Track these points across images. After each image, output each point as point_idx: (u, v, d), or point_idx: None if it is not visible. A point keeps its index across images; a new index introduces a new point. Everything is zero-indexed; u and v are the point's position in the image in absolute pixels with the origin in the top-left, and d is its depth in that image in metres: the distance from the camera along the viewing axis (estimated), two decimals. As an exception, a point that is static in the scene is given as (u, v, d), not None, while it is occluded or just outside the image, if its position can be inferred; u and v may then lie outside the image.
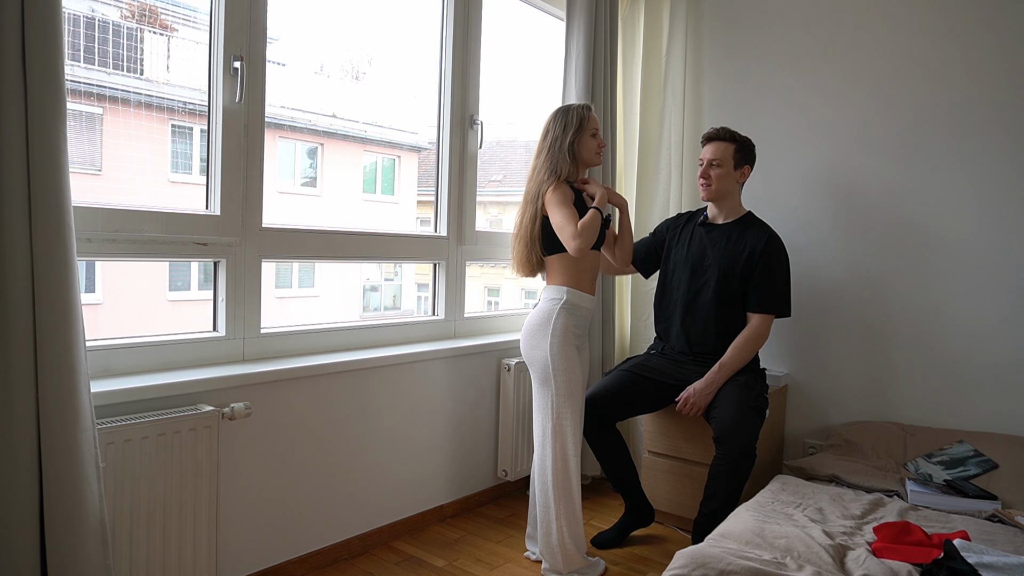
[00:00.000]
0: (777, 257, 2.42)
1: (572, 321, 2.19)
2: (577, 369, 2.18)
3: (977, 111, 2.58)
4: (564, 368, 2.15)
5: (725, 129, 2.50)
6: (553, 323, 2.16)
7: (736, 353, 2.38)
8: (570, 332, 2.18)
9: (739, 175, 2.49)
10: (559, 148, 2.21)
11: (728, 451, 2.17)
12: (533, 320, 2.21)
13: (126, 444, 1.66)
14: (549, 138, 2.24)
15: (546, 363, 2.16)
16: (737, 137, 2.49)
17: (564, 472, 2.15)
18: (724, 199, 2.50)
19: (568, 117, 2.23)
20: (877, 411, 2.79)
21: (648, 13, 3.15)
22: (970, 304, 2.60)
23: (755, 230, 2.46)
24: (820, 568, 1.61)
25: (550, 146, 2.23)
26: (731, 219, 2.51)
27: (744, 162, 2.49)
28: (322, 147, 3.56)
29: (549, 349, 2.15)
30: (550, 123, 2.26)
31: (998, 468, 2.32)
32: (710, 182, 2.47)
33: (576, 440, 2.17)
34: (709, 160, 2.47)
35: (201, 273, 3.00)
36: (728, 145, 2.47)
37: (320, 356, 2.23)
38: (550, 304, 2.20)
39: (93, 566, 1.50)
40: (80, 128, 2.02)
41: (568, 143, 2.21)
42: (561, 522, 2.15)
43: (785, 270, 2.45)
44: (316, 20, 2.62)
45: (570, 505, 2.16)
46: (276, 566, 2.11)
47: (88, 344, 1.56)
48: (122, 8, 2.13)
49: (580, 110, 2.25)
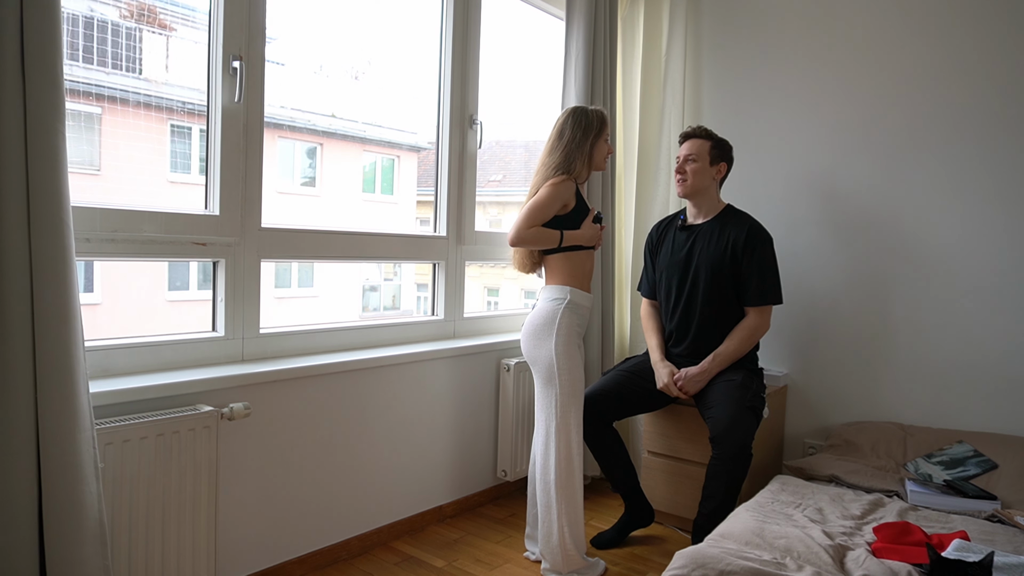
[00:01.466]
0: (761, 246, 2.42)
1: (576, 320, 2.20)
2: (580, 368, 2.20)
3: (978, 112, 2.57)
4: (568, 367, 2.15)
5: (701, 127, 2.53)
6: (558, 323, 2.17)
7: (734, 345, 2.38)
8: (574, 331, 2.19)
9: (715, 171, 2.50)
10: (577, 147, 2.22)
11: (724, 451, 2.16)
12: (536, 320, 2.21)
13: (125, 444, 1.66)
14: (567, 136, 2.23)
15: (551, 363, 2.16)
16: (713, 135, 2.51)
17: (568, 472, 2.15)
18: (701, 195, 2.51)
19: (589, 119, 2.24)
20: (877, 411, 2.79)
21: (648, 13, 3.15)
22: (970, 304, 2.60)
23: (735, 223, 2.46)
24: (820, 568, 1.61)
25: (567, 143, 2.22)
26: (711, 216, 2.52)
27: (720, 159, 2.50)
28: (321, 147, 3.56)
29: (554, 348, 2.15)
30: (567, 122, 2.25)
31: (998, 468, 2.32)
32: (686, 177, 2.48)
33: (579, 440, 2.18)
34: (685, 156, 2.49)
35: (200, 273, 3.00)
36: (704, 142, 2.48)
37: (320, 356, 2.23)
38: (554, 304, 2.20)
39: (92, 566, 1.50)
40: (79, 128, 2.02)
41: (589, 145, 2.23)
42: (563, 522, 2.15)
43: (771, 257, 2.45)
44: (315, 20, 2.62)
45: (572, 505, 2.16)
46: (276, 566, 2.11)
47: (87, 344, 1.56)
48: (121, 8, 2.13)
49: (600, 114, 2.27)
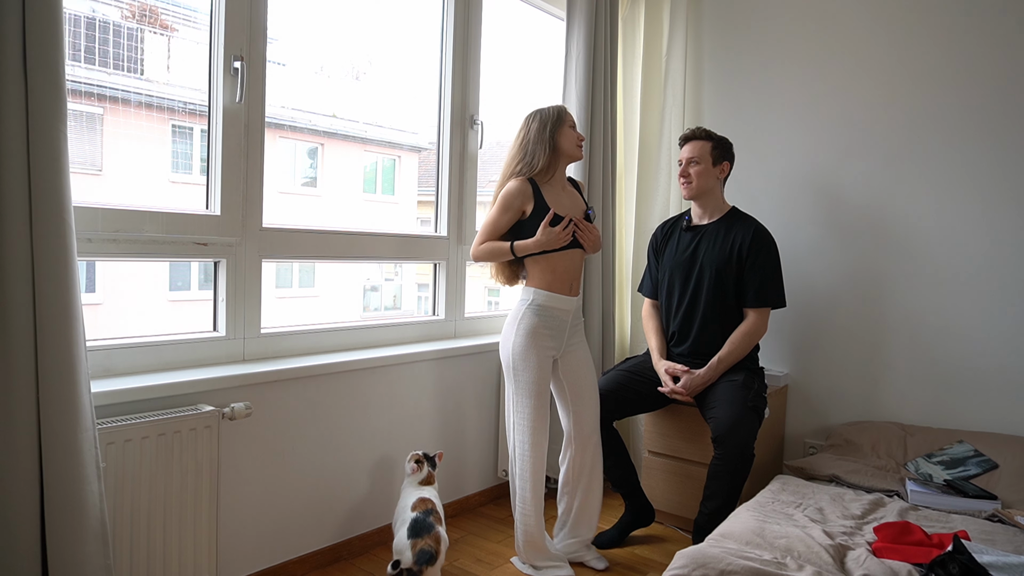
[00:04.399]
0: (766, 249, 2.42)
1: (540, 322, 2.18)
2: (536, 371, 2.17)
3: (979, 112, 2.57)
4: (524, 367, 2.17)
5: (700, 128, 2.52)
6: (518, 323, 2.19)
7: (733, 348, 2.38)
8: (538, 333, 2.17)
9: (718, 171, 2.50)
10: (536, 140, 2.19)
11: (726, 451, 2.17)
12: (507, 319, 2.26)
13: (126, 444, 1.67)
14: (522, 135, 2.23)
15: (508, 360, 2.21)
16: (713, 136, 2.51)
17: (521, 466, 2.22)
18: (706, 196, 2.51)
19: (545, 112, 2.22)
20: (877, 411, 2.79)
21: (648, 13, 3.15)
22: (971, 304, 2.60)
23: (741, 225, 2.46)
24: (820, 568, 1.61)
25: (522, 141, 2.22)
26: (716, 217, 2.52)
27: (723, 158, 2.50)
28: (322, 147, 3.56)
29: (512, 348, 2.19)
30: (523, 124, 2.25)
31: (998, 468, 2.32)
32: (690, 180, 2.48)
33: (534, 438, 2.19)
34: (687, 159, 2.49)
35: (201, 273, 3.00)
36: (705, 143, 2.48)
37: (320, 356, 2.23)
38: (519, 304, 2.23)
39: (93, 566, 1.50)
40: (80, 128, 2.02)
41: (548, 134, 2.19)
42: (516, 511, 2.25)
43: (775, 261, 2.45)
44: (316, 20, 2.62)
45: (524, 497, 2.21)
46: (276, 566, 2.11)
47: (88, 344, 1.56)
48: (122, 8, 2.13)
49: (557, 106, 2.24)
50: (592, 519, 2.32)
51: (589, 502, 2.30)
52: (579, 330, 2.31)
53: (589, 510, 2.31)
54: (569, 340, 2.26)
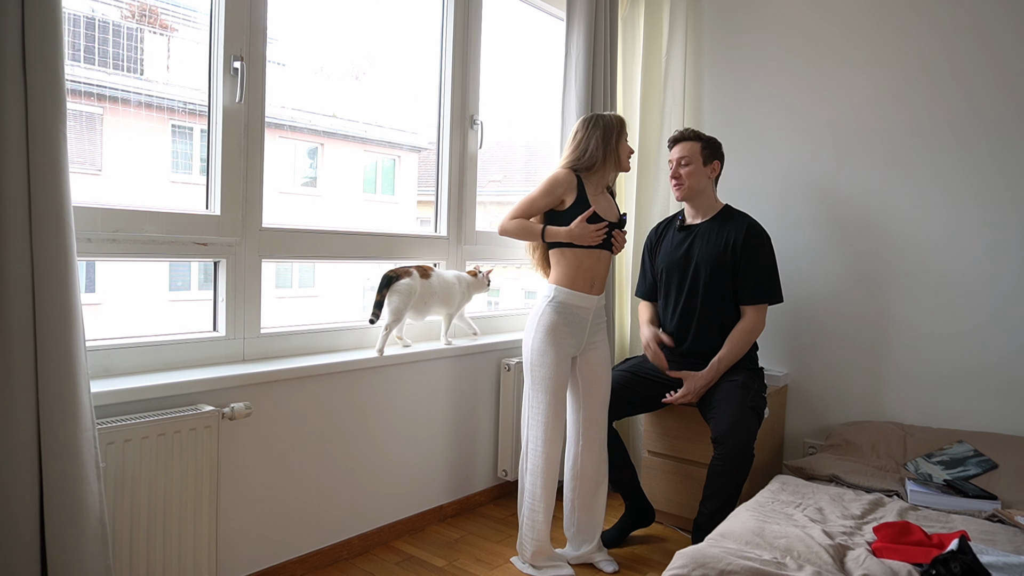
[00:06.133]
0: (760, 245, 2.42)
1: (560, 319, 2.19)
2: (553, 367, 2.17)
3: (978, 113, 2.57)
4: (540, 363, 2.18)
5: (689, 129, 2.53)
6: (538, 319, 2.21)
7: (733, 347, 2.38)
8: (557, 330, 2.18)
9: (709, 171, 2.50)
10: (597, 146, 2.19)
11: (726, 451, 2.17)
12: (529, 315, 2.27)
13: (126, 444, 1.67)
14: (581, 136, 2.22)
15: (528, 357, 2.23)
16: (702, 136, 2.51)
17: (534, 463, 2.21)
18: (698, 196, 2.51)
19: (608, 121, 2.22)
20: (877, 411, 2.79)
21: (648, 13, 3.15)
22: (971, 304, 2.60)
23: (734, 222, 2.47)
24: (820, 568, 1.61)
25: (583, 141, 2.21)
26: (709, 216, 2.52)
27: (712, 158, 2.50)
28: (322, 147, 3.55)
29: (532, 344, 2.21)
30: (580, 125, 2.25)
31: (998, 468, 2.32)
32: (681, 180, 2.48)
33: (548, 435, 2.18)
34: (678, 159, 2.49)
35: (201, 273, 3.00)
36: (694, 143, 2.48)
37: (320, 356, 2.23)
38: (540, 301, 2.24)
39: (93, 566, 1.50)
40: (80, 128, 2.02)
41: (614, 143, 2.21)
42: (523, 510, 2.24)
43: (770, 256, 2.45)
44: (316, 20, 2.62)
45: (534, 493, 2.21)
46: (276, 566, 2.11)
47: (88, 344, 1.56)
48: (122, 8, 2.13)
49: (617, 116, 2.26)
50: (599, 518, 2.32)
51: (596, 501, 2.30)
52: (601, 328, 2.31)
53: (596, 509, 2.31)
54: (590, 338, 2.26)
